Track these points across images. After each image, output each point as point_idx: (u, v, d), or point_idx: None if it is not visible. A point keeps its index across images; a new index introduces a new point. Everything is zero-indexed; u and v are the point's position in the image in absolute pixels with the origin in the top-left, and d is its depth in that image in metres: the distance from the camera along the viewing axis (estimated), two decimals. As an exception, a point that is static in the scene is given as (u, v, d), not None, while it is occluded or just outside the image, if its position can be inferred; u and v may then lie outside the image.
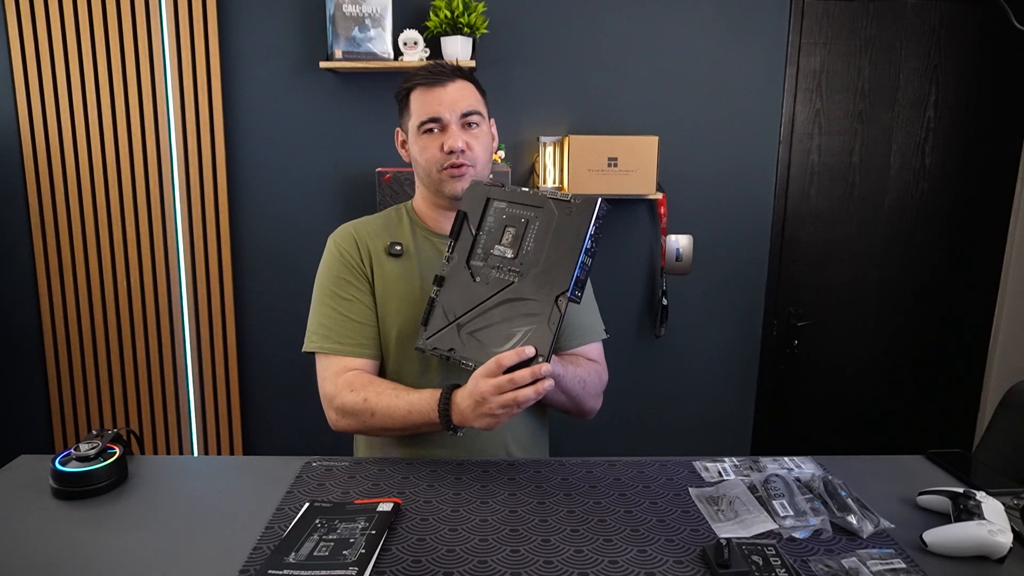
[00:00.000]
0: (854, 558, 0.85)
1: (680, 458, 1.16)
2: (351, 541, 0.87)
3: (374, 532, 0.89)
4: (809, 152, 2.40)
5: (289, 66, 2.28)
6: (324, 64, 2.16)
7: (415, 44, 2.15)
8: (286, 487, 1.05)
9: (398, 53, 2.18)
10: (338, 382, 1.19)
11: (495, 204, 1.12)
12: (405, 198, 1.61)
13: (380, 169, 2.21)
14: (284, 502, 1.00)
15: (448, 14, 2.08)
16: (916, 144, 2.40)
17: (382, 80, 2.25)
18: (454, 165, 1.20)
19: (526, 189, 1.11)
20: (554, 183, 2.28)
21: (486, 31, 2.18)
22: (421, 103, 1.21)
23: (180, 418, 2.47)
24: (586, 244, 1.00)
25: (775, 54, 2.30)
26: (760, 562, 0.83)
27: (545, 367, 0.98)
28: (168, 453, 2.48)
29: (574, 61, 2.29)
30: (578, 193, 1.05)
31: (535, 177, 2.32)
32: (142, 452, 1.42)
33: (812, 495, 1.00)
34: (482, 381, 1.00)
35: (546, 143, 2.27)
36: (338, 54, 2.17)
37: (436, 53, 2.19)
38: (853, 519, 0.92)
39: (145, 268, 2.37)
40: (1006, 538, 0.85)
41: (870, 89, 2.36)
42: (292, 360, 2.43)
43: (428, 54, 2.19)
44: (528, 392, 0.97)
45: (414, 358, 1.24)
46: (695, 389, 2.51)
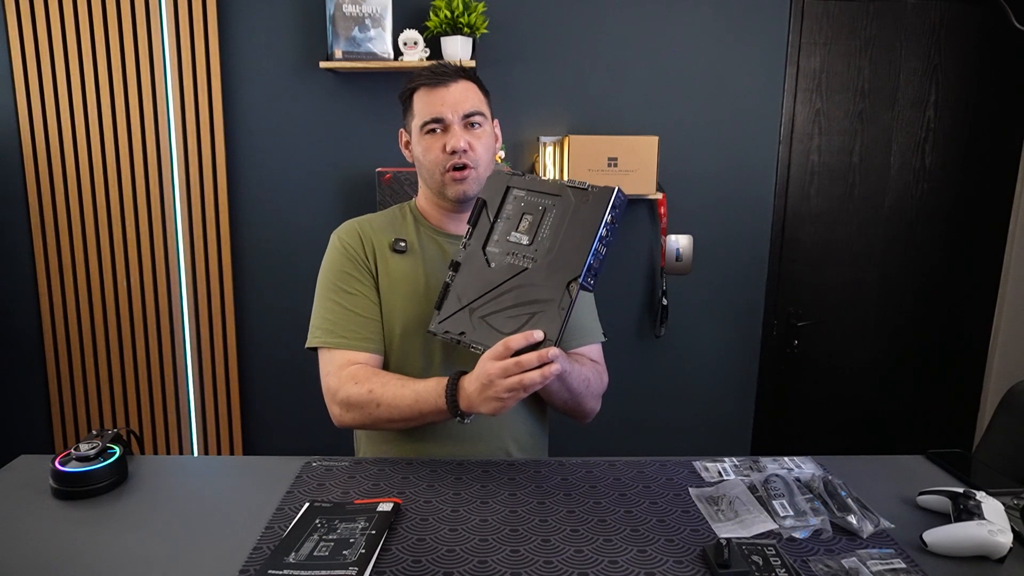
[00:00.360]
0: (854, 558, 0.85)
1: (680, 458, 1.16)
2: (351, 541, 0.87)
3: (374, 532, 0.89)
4: (809, 152, 2.40)
5: (289, 66, 2.28)
6: (324, 64, 2.16)
7: (415, 44, 2.15)
8: (286, 487, 1.05)
9: (398, 53, 2.18)
10: (341, 375, 1.18)
11: (514, 192, 1.13)
12: (405, 198, 1.62)
13: (380, 169, 2.21)
14: (284, 502, 1.00)
15: (448, 14, 2.08)
16: (916, 144, 2.40)
17: (382, 80, 2.25)
18: (456, 167, 1.20)
19: (546, 178, 1.11)
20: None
21: (486, 31, 2.18)
22: (424, 103, 1.21)
23: (180, 418, 2.47)
24: (600, 232, 1.00)
25: (775, 54, 2.30)
26: (760, 562, 0.83)
27: (552, 351, 0.97)
28: (168, 453, 2.48)
29: (574, 61, 2.29)
30: (596, 184, 1.04)
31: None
32: (142, 452, 1.42)
33: (812, 495, 1.00)
34: (489, 364, 1.00)
35: (546, 143, 2.27)
36: (338, 54, 2.17)
37: (436, 53, 2.19)
38: (853, 519, 0.92)
39: (145, 268, 2.37)
40: (1006, 538, 0.85)
41: (870, 89, 2.36)
42: (292, 360, 2.43)
43: (428, 54, 2.19)
44: (534, 376, 0.97)
45: (418, 353, 1.24)
46: (695, 389, 2.51)
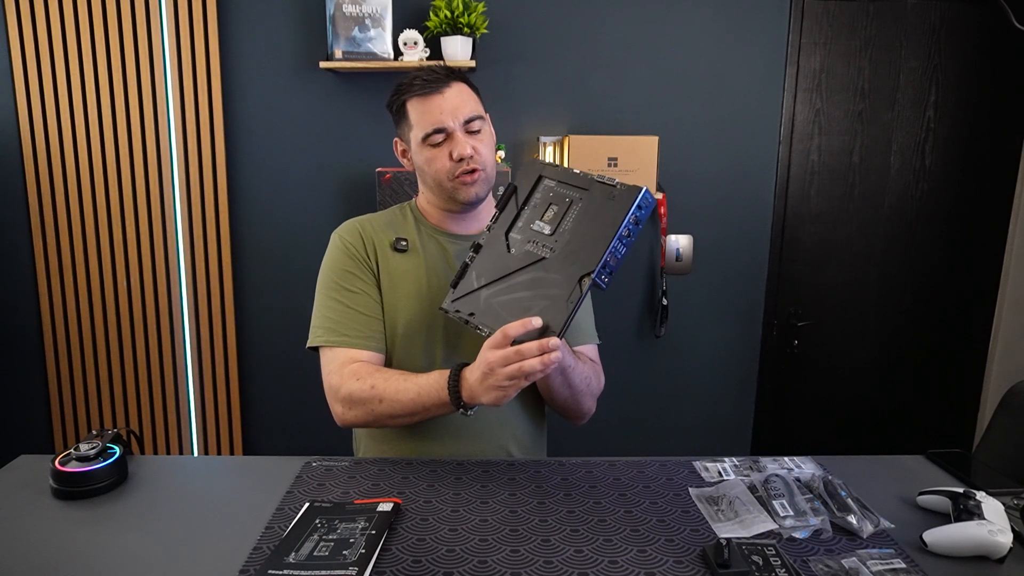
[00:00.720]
0: (854, 558, 0.85)
1: (680, 458, 1.16)
2: (351, 541, 0.87)
3: (374, 532, 0.89)
4: (809, 152, 2.40)
5: (289, 66, 2.28)
6: (324, 64, 2.16)
7: (415, 44, 2.15)
8: (286, 487, 1.05)
9: (398, 53, 2.18)
10: (343, 373, 1.18)
11: (545, 182, 1.12)
12: (405, 198, 1.62)
13: (380, 169, 2.21)
14: (284, 502, 1.00)
15: (448, 14, 2.08)
16: (916, 144, 2.40)
17: (382, 80, 2.25)
18: (466, 172, 1.19)
19: (578, 171, 1.10)
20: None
21: (486, 31, 2.18)
22: (421, 113, 1.19)
23: (180, 418, 2.47)
24: (620, 231, 0.98)
25: (775, 54, 2.30)
26: (760, 562, 0.83)
27: (553, 340, 0.96)
28: (168, 453, 2.48)
29: (574, 61, 2.29)
30: (625, 182, 1.03)
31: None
32: (142, 452, 1.42)
33: (812, 495, 1.00)
34: (489, 352, 0.99)
35: (546, 143, 2.27)
36: (338, 54, 2.17)
37: (436, 53, 2.19)
38: (853, 519, 0.92)
39: (145, 268, 2.37)
40: (1006, 538, 0.85)
41: (870, 89, 2.36)
42: (292, 360, 2.43)
43: (428, 54, 2.19)
44: (535, 363, 0.96)
45: (420, 352, 1.24)
46: (695, 389, 2.51)
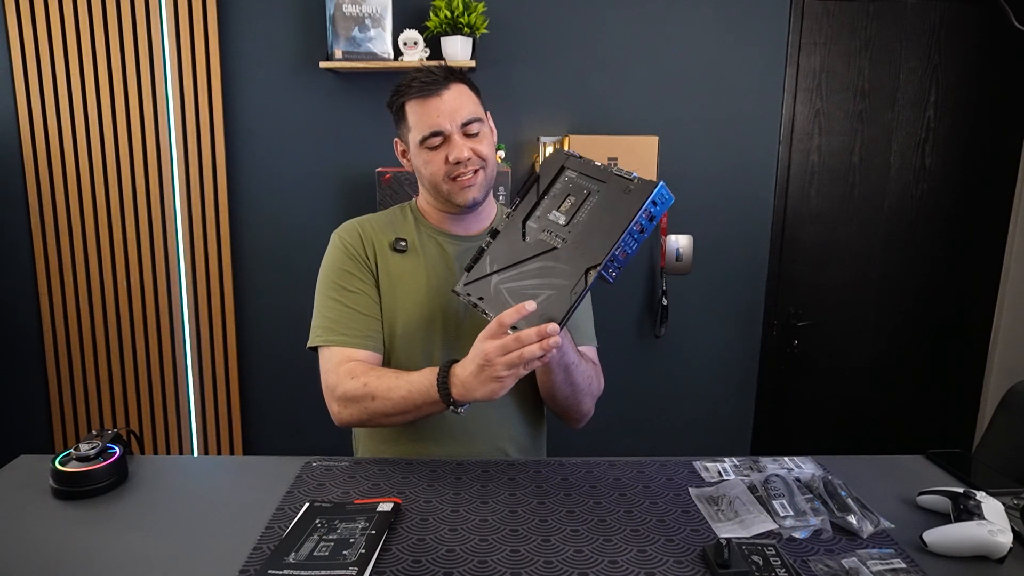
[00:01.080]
0: (854, 558, 0.85)
1: (680, 458, 1.16)
2: (351, 541, 0.87)
3: (374, 532, 0.89)
4: (809, 152, 2.40)
5: (289, 66, 2.28)
6: (324, 64, 2.16)
7: (415, 44, 2.15)
8: (286, 487, 1.05)
9: (398, 53, 2.18)
10: (339, 372, 1.18)
11: (567, 172, 1.12)
12: (405, 198, 1.62)
13: (380, 169, 2.21)
14: (284, 502, 1.00)
15: (448, 14, 2.08)
16: (916, 144, 2.40)
17: (382, 80, 2.25)
18: (461, 174, 1.19)
19: (600, 163, 1.09)
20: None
21: (486, 31, 2.18)
22: (419, 116, 1.19)
23: (180, 418, 2.47)
24: (632, 225, 0.97)
25: (775, 54, 2.30)
26: (760, 562, 0.83)
27: (552, 325, 0.95)
28: (168, 453, 2.48)
29: (574, 61, 2.29)
30: (643, 177, 1.02)
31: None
32: (142, 452, 1.42)
33: (812, 495, 1.00)
34: (486, 343, 0.97)
35: (546, 143, 2.27)
36: (338, 54, 2.17)
37: (436, 53, 2.19)
38: (853, 519, 0.92)
39: (145, 268, 2.37)
40: (1006, 538, 0.85)
41: (870, 89, 2.36)
42: (292, 360, 2.43)
43: (428, 54, 2.19)
44: (534, 349, 0.94)
45: (419, 352, 1.24)
46: (695, 389, 2.51)
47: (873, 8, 2.30)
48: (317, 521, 0.92)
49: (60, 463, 1.02)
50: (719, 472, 1.11)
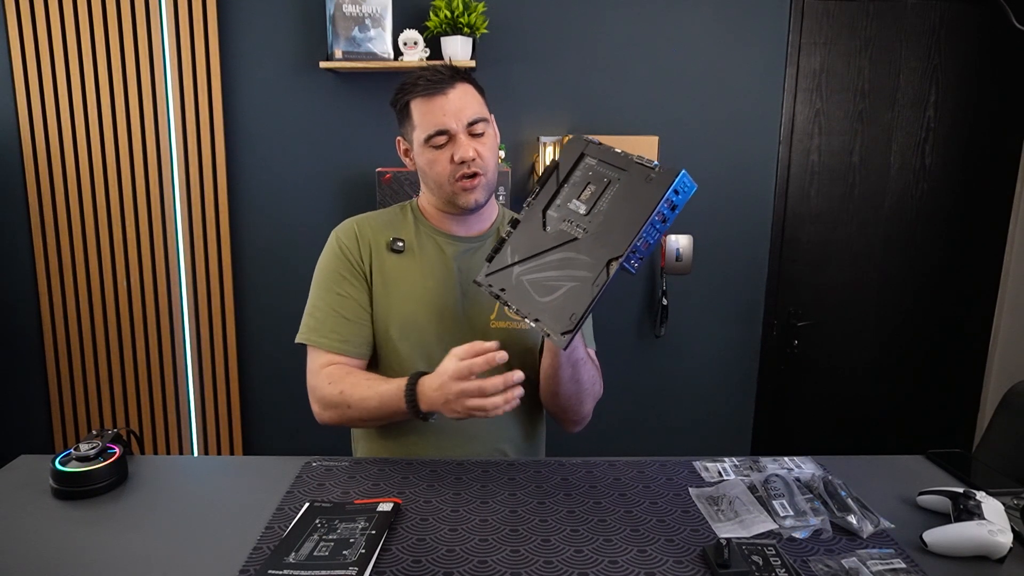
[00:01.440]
0: (854, 558, 0.85)
1: (680, 458, 1.16)
2: (351, 541, 0.87)
3: (374, 532, 0.89)
4: (809, 152, 2.40)
5: (289, 66, 2.28)
6: (324, 64, 2.16)
7: (415, 44, 2.15)
8: (286, 487, 1.05)
9: (398, 53, 2.18)
10: (320, 374, 1.20)
11: (587, 159, 1.10)
12: (405, 198, 1.62)
13: (380, 169, 2.21)
14: (284, 502, 1.00)
15: (448, 14, 2.08)
16: (916, 144, 2.40)
17: (382, 80, 2.25)
18: (466, 176, 1.18)
19: (620, 151, 1.08)
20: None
21: (486, 31, 2.18)
22: (424, 114, 1.18)
23: (180, 418, 2.47)
24: (654, 215, 0.95)
25: (775, 54, 2.30)
26: (760, 562, 0.83)
27: (517, 374, 0.97)
28: (168, 453, 2.48)
29: (574, 61, 2.29)
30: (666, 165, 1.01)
31: (535, 177, 2.32)
32: (142, 452, 1.42)
33: (812, 495, 1.00)
34: (452, 384, 1.00)
35: (546, 143, 2.27)
36: (338, 54, 2.17)
37: (436, 53, 2.19)
38: (853, 519, 0.92)
39: (145, 268, 2.37)
40: (1006, 538, 0.85)
41: (870, 89, 2.36)
42: (292, 360, 2.41)
43: (428, 54, 2.18)
44: (497, 400, 0.97)
45: (415, 353, 1.24)
46: (695, 389, 2.51)
47: (873, 8, 2.30)
48: (317, 521, 0.92)
49: (60, 463, 1.02)
50: (719, 472, 1.11)
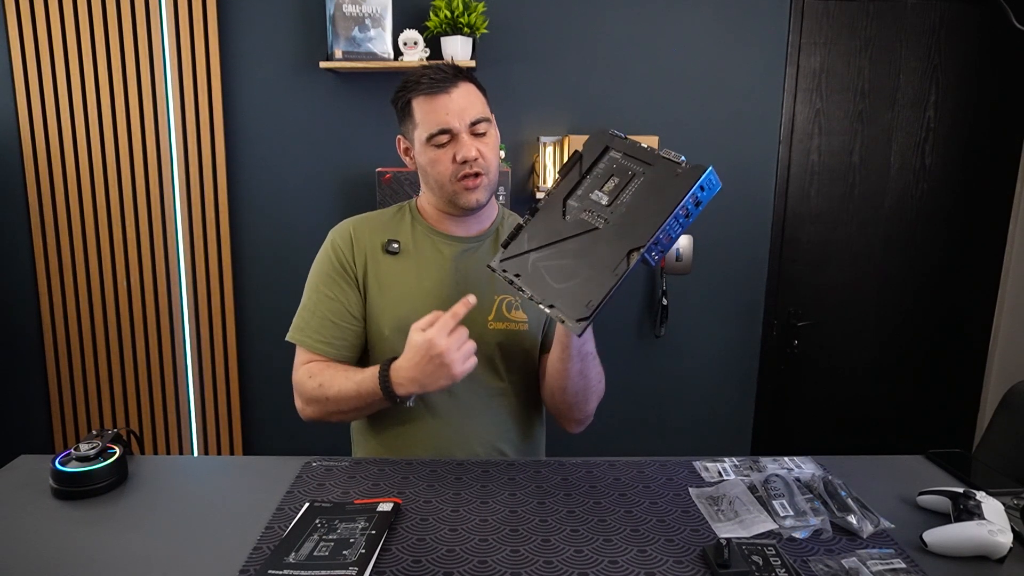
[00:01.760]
0: (854, 558, 0.85)
1: (680, 458, 1.16)
2: (351, 541, 0.87)
3: (374, 532, 0.89)
4: (809, 152, 2.40)
5: (289, 66, 2.28)
6: (324, 64, 2.16)
7: (415, 44, 2.15)
8: (286, 487, 1.05)
9: (398, 53, 2.18)
10: (301, 371, 1.23)
11: (611, 153, 1.11)
12: (405, 198, 1.62)
13: (380, 169, 2.21)
14: (284, 502, 1.00)
15: (448, 14, 2.08)
16: (916, 144, 2.40)
17: (382, 80, 2.25)
18: (467, 176, 1.18)
19: (646, 145, 1.07)
20: (554, 183, 2.28)
21: (486, 31, 2.18)
22: (427, 113, 1.17)
23: (180, 418, 2.47)
24: (678, 209, 0.95)
25: (775, 54, 2.30)
26: (760, 562, 0.83)
27: (471, 298, 1.04)
28: (168, 453, 2.48)
29: (574, 61, 2.29)
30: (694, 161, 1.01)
31: (535, 177, 2.32)
32: (142, 452, 1.42)
33: (812, 495, 1.00)
34: (428, 330, 1.03)
35: (546, 143, 2.27)
36: (338, 54, 2.17)
37: (436, 53, 2.19)
38: (853, 519, 0.92)
39: (145, 268, 2.37)
40: (1006, 538, 0.85)
41: (870, 89, 2.36)
42: (292, 360, 2.42)
43: (428, 54, 2.19)
44: (466, 350, 1.04)
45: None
46: (695, 389, 2.51)
47: (873, 8, 2.30)
48: (317, 521, 0.92)
49: (60, 463, 1.02)
50: (719, 472, 1.11)
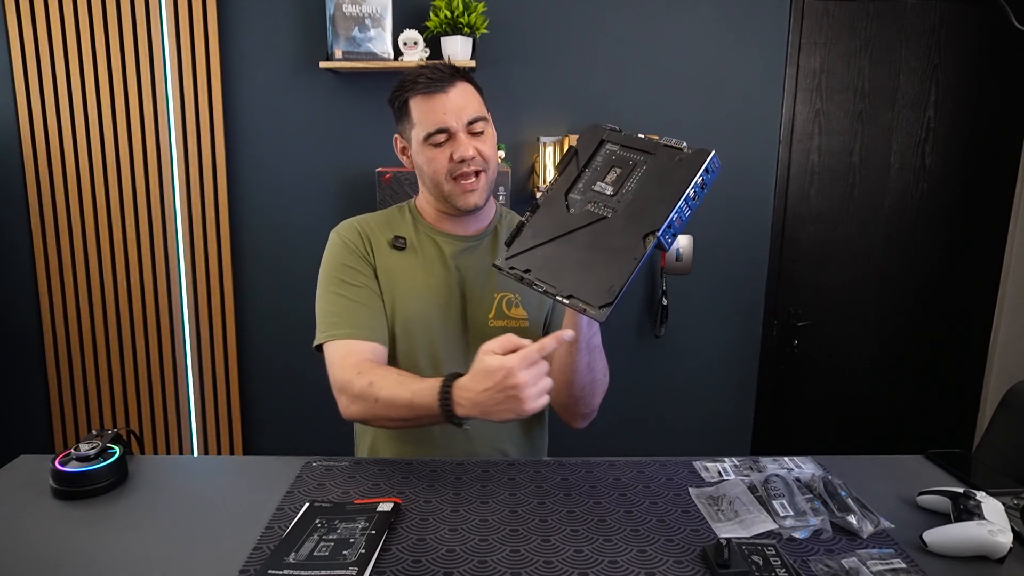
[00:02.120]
0: (854, 558, 0.85)
1: (680, 458, 1.16)
2: (351, 541, 0.87)
3: (374, 532, 0.89)
4: (809, 152, 2.40)
5: (289, 66, 2.28)
6: (324, 64, 2.16)
7: (415, 44, 2.15)
8: (286, 487, 1.05)
9: (398, 53, 2.18)
10: (346, 365, 1.15)
11: (608, 146, 1.11)
12: (405, 198, 1.62)
13: (380, 169, 2.21)
14: (284, 502, 1.00)
15: (448, 14, 2.08)
16: (916, 144, 2.40)
17: (382, 80, 2.25)
18: (465, 174, 1.18)
19: (642, 135, 1.08)
20: (552, 179, 2.28)
21: (486, 31, 2.18)
22: (424, 112, 1.17)
23: (180, 418, 2.47)
24: (688, 192, 0.96)
25: (775, 54, 2.30)
26: (760, 562, 0.83)
27: (568, 332, 0.97)
28: (168, 453, 2.48)
29: (574, 61, 2.29)
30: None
31: (535, 177, 2.32)
32: (142, 452, 1.42)
33: (812, 495, 1.00)
34: (508, 357, 0.92)
35: (546, 143, 2.27)
36: (338, 54, 2.17)
37: (436, 53, 2.19)
38: (853, 519, 0.92)
39: (145, 268, 2.37)
40: (1006, 538, 0.85)
41: (870, 89, 2.36)
42: (292, 360, 2.43)
43: (428, 54, 2.18)
44: (543, 385, 0.93)
45: (420, 350, 1.24)
46: (695, 389, 2.51)
47: (873, 8, 2.30)
48: (317, 521, 0.92)
49: (60, 463, 1.02)
50: (719, 472, 1.11)
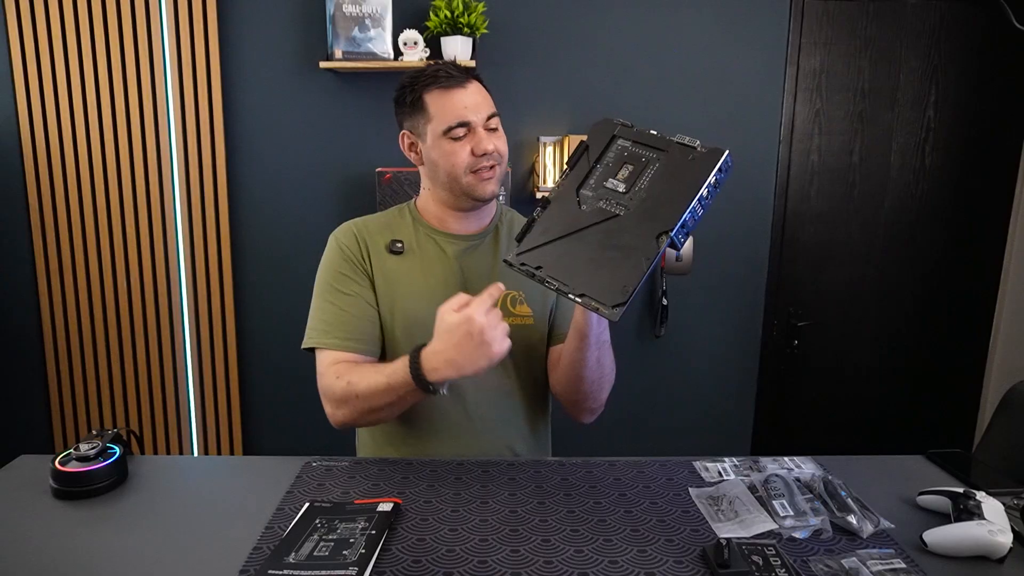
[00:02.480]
0: (854, 558, 0.85)
1: (680, 458, 1.16)
2: (351, 541, 0.87)
3: (374, 532, 0.89)
4: (809, 152, 2.40)
5: (289, 66, 2.28)
6: (324, 64, 2.16)
7: (415, 44, 2.15)
8: (286, 487, 1.05)
9: (398, 53, 2.18)
10: (329, 373, 1.18)
11: (619, 141, 1.10)
12: (405, 198, 1.62)
13: (380, 169, 2.21)
14: (284, 502, 1.00)
15: (448, 14, 2.08)
16: (916, 144, 2.40)
17: (382, 80, 2.25)
18: (483, 169, 1.20)
19: (654, 132, 1.07)
20: (554, 182, 2.28)
21: (486, 31, 2.18)
22: (443, 106, 1.18)
23: (180, 418, 2.47)
24: (702, 192, 0.97)
25: (775, 54, 2.30)
26: (760, 562, 0.83)
27: (500, 284, 1.01)
28: (168, 453, 2.48)
29: (574, 61, 2.29)
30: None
31: (535, 177, 2.32)
32: (142, 452, 1.42)
33: (812, 495, 1.00)
34: (468, 308, 0.99)
35: (546, 143, 2.27)
36: (338, 54, 2.17)
37: (436, 53, 2.19)
38: (853, 519, 0.92)
39: (145, 268, 2.37)
40: (1006, 538, 0.85)
41: (870, 89, 2.36)
42: (292, 360, 2.43)
43: (428, 54, 2.19)
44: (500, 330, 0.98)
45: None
46: (695, 389, 2.51)
47: (873, 8, 2.30)
48: (317, 521, 0.92)
49: (60, 463, 1.02)
50: (719, 472, 1.11)
